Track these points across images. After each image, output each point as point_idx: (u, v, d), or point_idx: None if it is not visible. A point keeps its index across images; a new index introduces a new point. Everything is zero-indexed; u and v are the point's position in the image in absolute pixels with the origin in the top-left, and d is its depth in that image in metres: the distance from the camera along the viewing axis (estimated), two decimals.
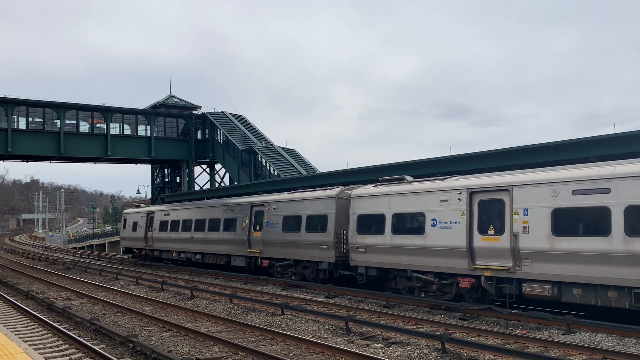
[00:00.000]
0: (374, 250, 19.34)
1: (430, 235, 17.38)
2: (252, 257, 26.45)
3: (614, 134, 19.80)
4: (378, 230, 19.19)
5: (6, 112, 47.06)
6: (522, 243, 14.83)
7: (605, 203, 13.32)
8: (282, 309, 16.72)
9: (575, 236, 13.82)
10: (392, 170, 28.82)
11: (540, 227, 14.50)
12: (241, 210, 27.31)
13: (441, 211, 17.15)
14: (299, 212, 23.54)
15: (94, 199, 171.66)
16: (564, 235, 14.01)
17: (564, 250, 13.96)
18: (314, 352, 11.76)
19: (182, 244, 32.29)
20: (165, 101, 58.14)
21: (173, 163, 59.16)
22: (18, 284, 25.77)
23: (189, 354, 11.77)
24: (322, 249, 22.01)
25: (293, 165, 46.32)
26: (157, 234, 35.10)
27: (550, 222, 14.33)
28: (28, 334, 13.91)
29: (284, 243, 24.10)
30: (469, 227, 16.28)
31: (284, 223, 24.17)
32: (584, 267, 13.58)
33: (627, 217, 12.90)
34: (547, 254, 14.29)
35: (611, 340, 12.14)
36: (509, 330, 13.44)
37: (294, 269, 23.91)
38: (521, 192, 15.13)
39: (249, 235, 26.30)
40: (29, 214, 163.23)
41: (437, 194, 17.44)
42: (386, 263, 18.95)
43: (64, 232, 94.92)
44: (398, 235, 18.50)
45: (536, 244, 14.54)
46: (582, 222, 13.81)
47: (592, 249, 13.41)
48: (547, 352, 11.23)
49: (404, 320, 15.20)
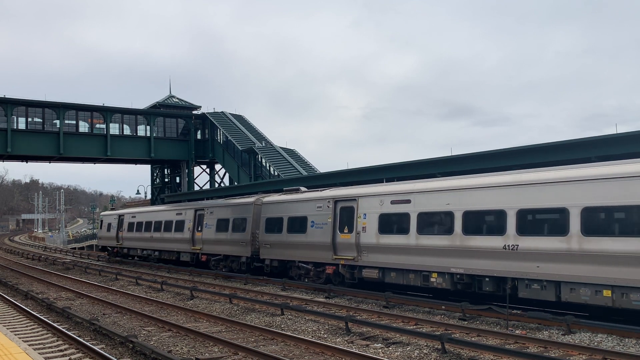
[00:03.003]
0: (275, 246, 24.27)
1: (310, 234, 22.19)
2: (194, 253, 31.03)
3: (616, 134, 19.81)
4: (278, 230, 23.96)
5: (6, 112, 47.05)
6: (362, 239, 19.72)
7: (408, 210, 18.10)
8: (281, 309, 16.71)
9: (392, 234, 18.60)
10: (392, 171, 28.86)
11: (372, 228, 19.34)
12: (188, 214, 31.95)
13: (317, 215, 21.99)
14: (227, 216, 28.17)
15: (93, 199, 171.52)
16: (385, 234, 18.87)
17: (384, 244, 18.85)
18: (313, 352, 11.75)
19: (144, 242, 37.28)
20: (164, 101, 58.13)
21: (173, 163, 59.14)
22: (18, 284, 25.76)
23: (189, 354, 11.76)
24: (242, 246, 26.65)
25: (293, 166, 46.32)
26: (126, 234, 40.11)
27: (377, 224, 19.13)
28: (28, 334, 13.90)
29: (217, 241, 28.82)
30: (333, 227, 21.10)
31: (217, 224, 28.76)
32: (396, 256, 18.38)
33: (419, 221, 17.65)
34: (375, 247, 19.17)
35: (611, 340, 12.12)
36: (509, 331, 13.43)
37: (224, 262, 28.59)
38: (363, 201, 19.95)
39: (193, 235, 31.00)
40: (29, 214, 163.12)
41: (315, 201, 22.29)
42: (283, 256, 23.94)
43: (64, 232, 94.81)
44: (291, 234, 23.30)
45: (369, 240, 19.42)
46: (396, 224, 18.55)
47: (400, 243, 18.22)
48: (547, 353, 11.22)
49: (403, 320, 15.19)
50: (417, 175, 24.77)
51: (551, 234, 14.21)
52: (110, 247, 43.47)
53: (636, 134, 18.81)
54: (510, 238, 14.98)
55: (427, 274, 17.27)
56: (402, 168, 28.66)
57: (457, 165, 25.16)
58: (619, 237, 12.84)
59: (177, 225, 32.72)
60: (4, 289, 24.45)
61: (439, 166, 26.26)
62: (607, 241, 13.01)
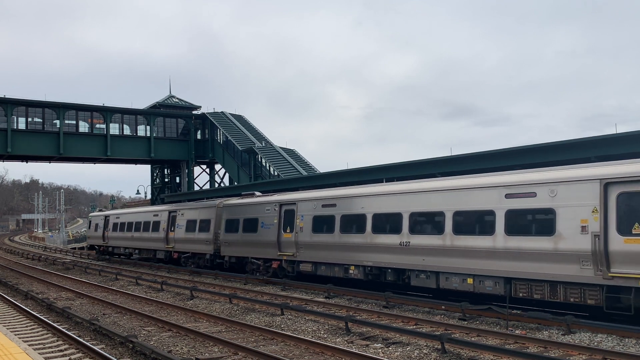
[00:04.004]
0: (233, 244, 27.17)
1: (260, 233, 24.91)
2: (168, 251, 33.90)
3: (615, 134, 19.82)
4: (236, 230, 26.76)
5: (6, 112, 47.06)
6: (299, 238, 22.49)
7: (334, 213, 20.99)
8: (281, 309, 16.71)
9: (322, 233, 21.45)
10: (391, 171, 28.86)
11: (308, 228, 22.16)
12: (163, 215, 34.69)
13: (266, 217, 24.64)
14: (195, 217, 31.00)
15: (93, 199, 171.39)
16: (317, 233, 21.74)
17: (316, 242, 21.71)
18: (313, 352, 11.75)
19: (127, 241, 40.14)
20: (164, 101, 58.14)
21: (173, 163, 59.14)
22: (18, 284, 25.76)
23: (189, 354, 11.77)
24: (207, 244, 29.52)
25: (293, 166, 46.32)
26: (111, 233, 42.93)
27: (312, 225, 21.94)
28: (28, 334, 13.90)
29: (186, 240, 31.76)
30: (278, 227, 23.75)
31: (187, 225, 31.57)
32: (325, 252, 21.27)
33: (341, 222, 20.53)
34: (310, 245, 22.01)
35: (611, 340, 12.12)
36: (508, 331, 13.43)
37: (192, 259, 31.57)
38: (301, 205, 22.76)
39: (167, 235, 33.76)
40: (29, 214, 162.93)
41: (265, 205, 25.13)
42: (240, 253, 26.84)
43: (64, 232, 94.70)
44: (245, 234, 26.09)
45: (305, 238, 22.23)
46: (325, 225, 21.37)
47: (327, 241, 21.14)
48: (547, 353, 11.22)
49: (403, 320, 15.19)
50: (417, 175, 24.79)
51: (433, 233, 17.13)
52: (98, 245, 46.16)
53: (636, 134, 18.82)
54: (405, 236, 17.94)
55: (347, 266, 20.30)
56: (402, 168, 28.68)
57: (457, 165, 25.16)
58: (478, 236, 15.82)
59: (154, 225, 35.57)
60: (4, 289, 24.45)
61: (438, 166, 26.26)
62: (469, 239, 16.05)
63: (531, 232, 14.62)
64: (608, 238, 12.98)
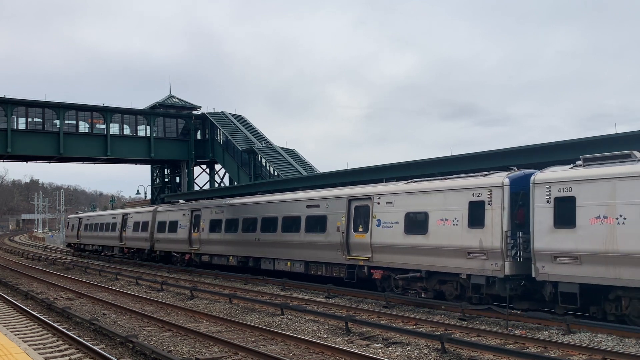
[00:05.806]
0: (162, 241, 34.76)
1: (179, 233, 32.22)
2: (122, 247, 41.67)
3: (615, 134, 19.78)
4: (163, 230, 34.35)
5: (6, 112, 47.03)
6: (201, 236, 29.97)
7: (221, 217, 28.32)
8: (281, 309, 16.72)
9: (216, 232, 28.89)
10: (391, 171, 28.82)
11: (207, 228, 29.46)
12: (118, 218, 42.25)
13: (183, 220, 31.97)
14: (139, 220, 38.31)
15: (93, 199, 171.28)
16: (213, 232, 28.86)
17: (212, 239, 29.04)
18: (313, 352, 11.76)
19: (94, 239, 47.90)
20: (164, 101, 58.09)
21: (173, 163, 59.11)
22: (18, 284, 25.76)
23: (189, 354, 11.77)
24: (145, 241, 36.92)
25: (293, 166, 46.29)
26: (83, 232, 50.53)
27: (209, 226, 29.33)
28: (28, 334, 13.91)
29: (133, 238, 39.10)
30: (190, 228, 31.02)
31: (134, 226, 38.89)
32: (216, 247, 29.04)
33: (226, 224, 27.76)
34: (207, 241, 29.45)
35: (611, 340, 12.13)
36: (508, 331, 13.44)
37: (137, 254, 39.14)
38: (204, 211, 30.26)
39: (121, 234, 41.05)
40: (29, 214, 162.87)
41: (182, 211, 32.51)
42: (166, 248, 34.39)
43: (64, 232, 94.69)
44: (169, 233, 33.50)
45: (205, 236, 29.58)
46: (217, 226, 28.78)
47: (219, 239, 28.59)
48: (547, 353, 11.23)
49: (403, 320, 15.20)
50: (416, 175, 24.74)
51: (272, 231, 24.18)
52: (73, 243, 54.55)
53: (636, 134, 18.79)
54: (258, 234, 25.11)
55: (228, 257, 27.81)
56: (402, 168, 28.62)
57: (457, 165, 25.11)
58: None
59: (112, 226, 43.04)
60: (4, 289, 24.45)
61: (438, 166, 26.20)
62: (287, 235, 23.18)
63: (317, 230, 21.58)
64: (349, 234, 20.04)
